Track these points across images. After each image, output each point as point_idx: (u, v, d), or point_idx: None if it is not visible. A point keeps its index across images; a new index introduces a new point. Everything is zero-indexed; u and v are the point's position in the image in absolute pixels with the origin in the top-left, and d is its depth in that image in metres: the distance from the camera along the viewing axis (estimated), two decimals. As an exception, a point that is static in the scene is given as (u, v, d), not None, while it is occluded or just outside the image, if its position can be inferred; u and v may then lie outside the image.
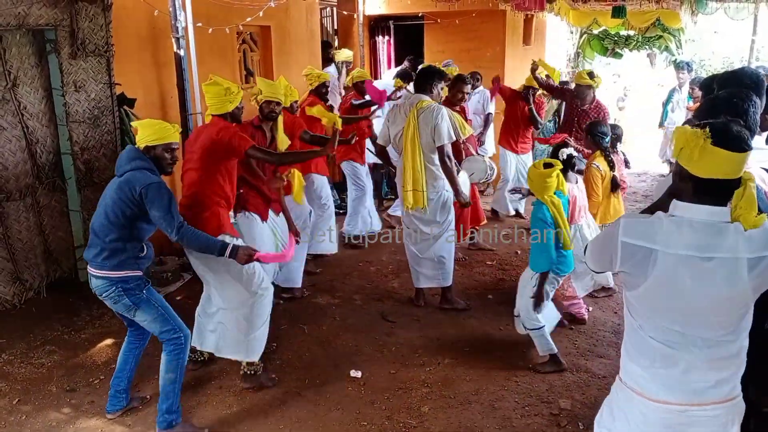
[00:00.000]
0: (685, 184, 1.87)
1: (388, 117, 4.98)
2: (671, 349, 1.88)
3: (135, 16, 5.59)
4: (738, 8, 9.06)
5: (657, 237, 1.84)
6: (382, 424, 3.57)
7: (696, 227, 1.82)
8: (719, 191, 1.83)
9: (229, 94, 3.86)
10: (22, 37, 4.80)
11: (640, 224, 1.90)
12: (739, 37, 14.15)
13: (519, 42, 9.74)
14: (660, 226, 1.86)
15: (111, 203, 3.25)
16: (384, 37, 10.35)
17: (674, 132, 1.93)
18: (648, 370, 1.93)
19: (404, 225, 5.04)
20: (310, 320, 4.88)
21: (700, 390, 1.88)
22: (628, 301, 1.98)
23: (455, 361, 4.26)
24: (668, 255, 1.82)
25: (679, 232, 1.82)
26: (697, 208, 1.84)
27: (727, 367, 1.89)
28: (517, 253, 6.45)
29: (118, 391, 3.64)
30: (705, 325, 1.85)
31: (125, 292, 3.31)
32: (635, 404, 1.97)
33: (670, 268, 1.82)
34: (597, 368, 4.15)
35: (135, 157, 3.30)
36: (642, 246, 1.86)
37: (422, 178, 4.68)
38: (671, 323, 1.87)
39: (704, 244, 1.80)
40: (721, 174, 1.80)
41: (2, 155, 4.82)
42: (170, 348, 3.42)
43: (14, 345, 4.46)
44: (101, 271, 3.30)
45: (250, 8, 6.38)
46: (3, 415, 3.66)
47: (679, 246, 1.81)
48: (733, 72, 3.53)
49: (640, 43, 11.97)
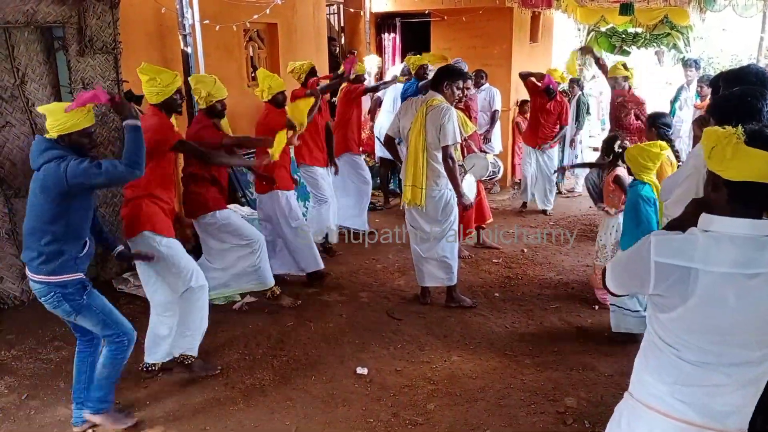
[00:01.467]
0: (718, 193, 1.77)
1: (400, 110, 4.99)
2: (701, 368, 1.78)
3: (142, 13, 5.61)
4: (746, 5, 8.99)
5: (695, 255, 1.72)
6: (389, 420, 3.58)
7: (737, 242, 1.71)
8: (756, 197, 1.72)
9: (155, 84, 3.71)
10: (30, 34, 4.82)
11: (674, 242, 1.78)
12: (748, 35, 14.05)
13: (526, 39, 9.69)
14: (696, 242, 1.74)
15: (39, 203, 3.08)
16: (390, 34, 10.33)
17: (704, 133, 1.83)
18: (671, 386, 1.82)
19: (408, 223, 5.04)
20: (316, 317, 4.90)
21: (722, 414, 1.80)
22: (659, 323, 1.84)
23: (461, 359, 4.26)
24: (709, 274, 1.70)
25: (718, 248, 1.71)
26: (737, 221, 1.72)
27: (751, 393, 1.81)
28: (523, 251, 6.44)
29: (80, 403, 3.48)
30: (743, 345, 1.74)
31: (64, 297, 3.16)
32: (644, 420, 1.89)
33: (712, 287, 1.70)
34: (603, 366, 4.14)
35: (47, 147, 3.07)
36: (679, 266, 1.73)
37: (423, 175, 4.68)
38: (707, 344, 1.75)
39: (747, 261, 1.69)
40: (755, 176, 1.68)
41: (11, 152, 4.84)
42: (112, 347, 3.35)
43: (23, 341, 4.49)
44: (38, 276, 3.14)
45: (257, 5, 6.39)
46: (12, 410, 3.68)
47: (722, 263, 1.69)
48: (739, 69, 3.51)
49: (648, 40, 11.91)
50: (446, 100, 4.70)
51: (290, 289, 5.32)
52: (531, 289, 5.49)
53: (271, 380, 4.01)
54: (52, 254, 3.11)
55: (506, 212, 8.05)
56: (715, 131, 1.77)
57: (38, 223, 3.10)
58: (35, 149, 3.11)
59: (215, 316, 4.81)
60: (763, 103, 2.66)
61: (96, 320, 3.28)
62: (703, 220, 1.80)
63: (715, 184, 1.78)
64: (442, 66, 5.21)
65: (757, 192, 1.70)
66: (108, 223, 5.42)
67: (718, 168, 1.75)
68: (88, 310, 3.24)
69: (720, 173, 1.75)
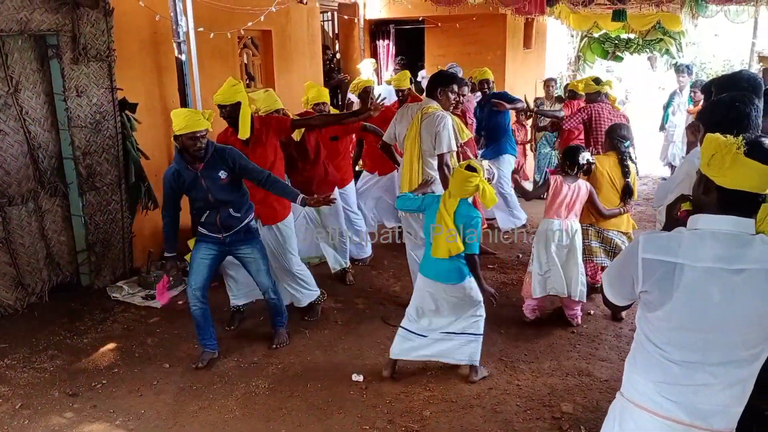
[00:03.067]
0: (709, 196, 1.81)
1: (396, 116, 4.99)
2: (687, 368, 1.81)
3: (136, 21, 5.61)
4: (738, 11, 9.07)
5: (680, 250, 1.76)
6: (384, 427, 3.57)
7: (720, 238, 1.75)
8: (745, 205, 1.76)
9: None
10: (24, 43, 4.81)
11: (660, 239, 1.83)
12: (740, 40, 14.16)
13: (519, 46, 9.76)
14: (681, 239, 1.79)
15: None
16: (385, 41, 10.38)
17: (705, 139, 1.86)
18: (659, 385, 1.86)
19: (404, 228, 5.05)
20: (311, 324, 4.88)
21: (707, 413, 1.82)
22: (647, 322, 1.88)
23: (456, 365, 4.25)
24: (694, 269, 1.74)
25: (702, 244, 1.75)
26: (720, 218, 1.76)
27: (738, 393, 1.82)
28: (519, 256, 6.44)
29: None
30: (728, 344, 1.77)
31: None
32: (633, 418, 1.92)
33: (697, 282, 1.74)
34: (599, 372, 4.14)
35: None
36: (665, 261, 1.78)
37: (418, 181, 4.67)
38: (693, 342, 1.79)
39: (731, 256, 1.72)
40: (748, 186, 1.73)
41: (4, 160, 4.83)
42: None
43: (16, 349, 4.46)
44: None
45: (251, 13, 6.40)
46: (5, 420, 3.66)
47: (706, 258, 1.73)
48: (731, 75, 3.53)
49: (641, 46, 12.01)
50: (441, 106, 4.70)
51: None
52: (526, 295, 5.48)
53: (267, 387, 4.00)
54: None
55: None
56: (717, 139, 1.80)
57: None
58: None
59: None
60: (752, 109, 2.68)
61: None
62: (690, 220, 1.85)
63: (706, 188, 1.82)
64: (435, 72, 5.22)
65: (745, 200, 1.76)
66: (102, 231, 5.41)
67: (714, 174, 1.78)
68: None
69: (714, 179, 1.78)
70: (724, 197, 1.77)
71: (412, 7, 9.09)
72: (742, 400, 1.85)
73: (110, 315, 5.02)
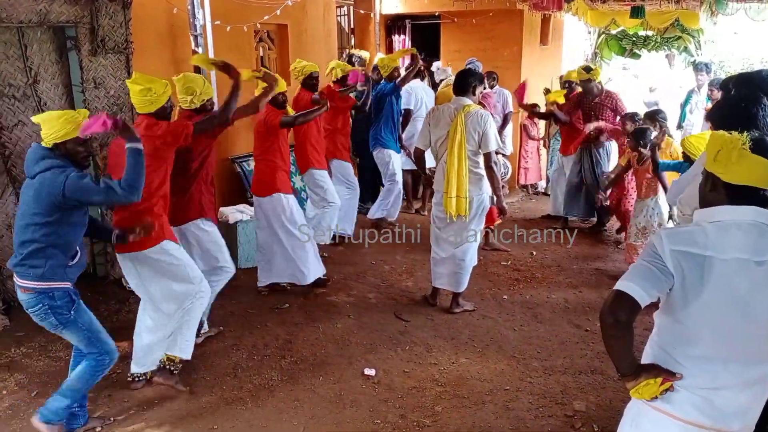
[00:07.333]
0: (715, 194, 1.81)
1: (429, 120, 4.77)
2: (707, 369, 1.79)
3: (154, 13, 5.63)
4: (759, 8, 8.94)
5: (707, 242, 1.74)
6: (396, 422, 3.58)
7: (744, 228, 1.74)
8: (752, 200, 1.77)
9: (149, 93, 3.60)
10: (43, 34, 4.85)
11: (683, 233, 1.80)
12: (760, 38, 13.98)
13: (536, 42, 9.68)
14: (704, 231, 1.77)
15: (31, 212, 3.06)
16: (400, 36, 10.34)
17: (710, 137, 1.86)
18: (677, 387, 1.84)
19: (434, 223, 4.93)
20: (324, 318, 4.90)
21: (728, 415, 1.80)
22: (668, 323, 1.86)
23: (469, 361, 4.25)
24: (723, 261, 1.72)
25: (728, 235, 1.74)
26: (744, 209, 1.76)
27: (758, 394, 1.81)
28: (532, 253, 6.42)
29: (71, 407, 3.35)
30: (752, 342, 1.75)
31: (51, 310, 3.13)
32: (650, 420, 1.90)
33: (726, 275, 1.72)
34: (612, 370, 4.11)
35: (44, 156, 3.08)
36: (694, 254, 1.75)
37: (466, 184, 4.61)
38: (716, 339, 1.77)
39: (756, 247, 1.72)
40: (755, 181, 1.74)
41: (23, 150, 4.87)
42: (92, 362, 3.28)
43: (32, 338, 4.51)
44: (26, 282, 3.10)
45: (267, 6, 6.41)
46: (21, 407, 3.71)
47: (734, 249, 1.72)
48: (750, 74, 3.50)
49: (659, 43, 11.87)
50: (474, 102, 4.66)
51: (298, 289, 5.33)
52: (539, 292, 5.47)
53: (279, 380, 4.02)
54: (41, 259, 3.07)
55: (515, 214, 8.03)
56: (722, 136, 1.80)
57: (28, 231, 3.07)
58: (31, 157, 3.10)
59: (223, 316, 4.84)
60: (759, 108, 2.69)
61: (81, 337, 3.25)
62: (704, 214, 1.84)
63: (713, 185, 1.84)
64: (463, 69, 5.14)
65: (753, 195, 1.77)
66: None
67: (720, 170, 1.79)
68: (74, 326, 3.21)
69: (720, 175, 1.80)
70: (732, 194, 1.78)
71: (428, 2, 9.06)
72: (761, 400, 1.84)
73: (125, 305, 5.06)
